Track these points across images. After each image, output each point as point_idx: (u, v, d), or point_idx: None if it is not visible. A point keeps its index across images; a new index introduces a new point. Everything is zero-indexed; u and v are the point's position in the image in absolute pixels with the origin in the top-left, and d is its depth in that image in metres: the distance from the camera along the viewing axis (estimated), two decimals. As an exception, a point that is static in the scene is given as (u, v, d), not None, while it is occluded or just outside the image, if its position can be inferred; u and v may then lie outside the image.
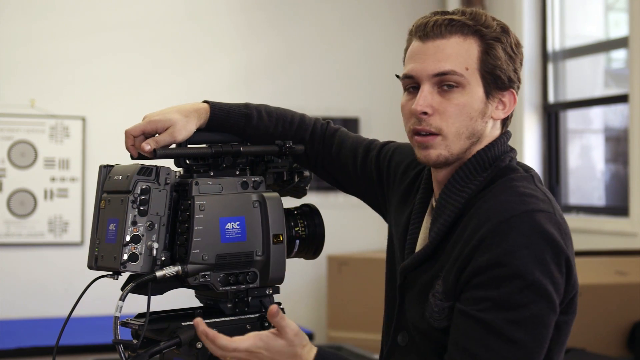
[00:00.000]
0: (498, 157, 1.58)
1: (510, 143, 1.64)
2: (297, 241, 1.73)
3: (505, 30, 1.56)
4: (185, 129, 1.67)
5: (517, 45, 1.58)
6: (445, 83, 1.53)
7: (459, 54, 1.53)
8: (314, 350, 1.49)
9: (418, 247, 1.62)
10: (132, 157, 1.68)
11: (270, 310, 1.46)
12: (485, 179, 1.55)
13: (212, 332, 1.46)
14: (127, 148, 1.67)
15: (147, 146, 1.64)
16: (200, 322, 1.46)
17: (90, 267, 1.62)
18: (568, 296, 1.48)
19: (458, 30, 1.54)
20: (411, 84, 1.58)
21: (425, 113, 1.54)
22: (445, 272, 1.51)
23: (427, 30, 1.55)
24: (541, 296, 1.42)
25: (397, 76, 1.61)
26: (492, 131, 1.59)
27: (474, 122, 1.54)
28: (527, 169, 1.60)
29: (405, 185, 1.73)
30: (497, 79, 1.55)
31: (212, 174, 1.67)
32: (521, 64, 1.59)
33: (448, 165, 1.58)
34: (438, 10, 1.61)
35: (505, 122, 1.62)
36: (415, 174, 1.73)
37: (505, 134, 1.61)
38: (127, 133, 1.66)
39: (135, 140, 1.66)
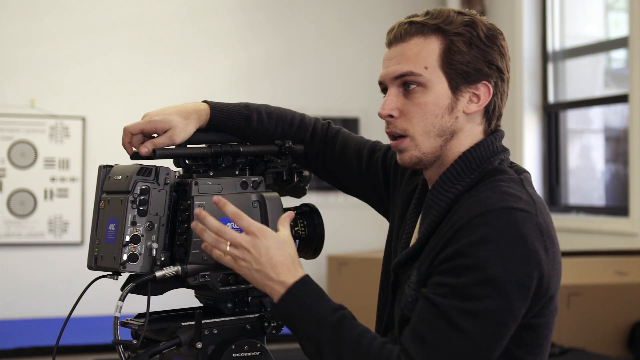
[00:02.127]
0: (487, 158, 1.57)
1: (511, 143, 1.64)
2: (297, 241, 1.73)
3: (470, 24, 1.56)
4: (185, 131, 1.67)
5: (489, 36, 1.56)
6: (407, 85, 1.56)
7: (418, 54, 1.55)
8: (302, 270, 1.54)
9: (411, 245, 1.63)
10: (129, 155, 1.67)
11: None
12: (472, 180, 1.55)
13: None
14: (124, 145, 1.66)
15: (145, 149, 1.64)
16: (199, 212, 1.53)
17: (90, 267, 1.62)
18: (541, 300, 1.48)
19: (418, 31, 1.57)
20: (383, 90, 1.62)
21: (391, 116, 1.57)
22: (420, 262, 1.53)
23: (391, 36, 1.60)
24: (499, 293, 1.41)
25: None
26: (469, 126, 1.58)
27: (440, 119, 1.55)
28: (520, 172, 1.59)
29: (411, 188, 1.73)
30: (464, 74, 1.55)
31: (211, 174, 1.67)
32: (502, 55, 1.58)
33: (427, 164, 1.59)
34: (410, 14, 1.63)
35: (488, 116, 1.60)
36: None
37: (495, 133, 1.61)
38: (125, 130, 1.66)
39: (132, 138, 1.66)
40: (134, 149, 1.66)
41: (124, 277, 1.61)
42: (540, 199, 1.54)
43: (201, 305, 1.74)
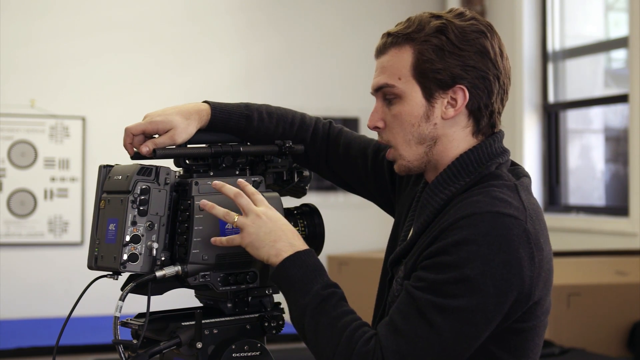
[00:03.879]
0: (484, 162, 1.57)
1: (511, 143, 1.63)
2: (297, 241, 1.72)
3: (441, 29, 1.55)
4: (186, 131, 1.68)
5: (463, 39, 1.55)
6: (387, 97, 1.60)
7: (393, 65, 1.58)
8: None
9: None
10: (130, 155, 1.68)
11: None
12: (467, 183, 1.56)
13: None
14: (125, 145, 1.67)
15: (145, 148, 1.64)
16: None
17: (90, 267, 1.62)
18: (523, 306, 1.48)
19: (394, 43, 1.59)
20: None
21: (377, 127, 1.62)
22: (408, 258, 1.56)
23: (376, 50, 1.64)
24: (474, 294, 1.43)
25: None
26: (453, 130, 1.58)
27: (417, 127, 1.58)
28: (519, 176, 1.59)
29: (419, 187, 1.73)
30: (436, 81, 1.56)
31: (211, 173, 1.67)
32: (482, 52, 1.55)
33: (418, 171, 1.62)
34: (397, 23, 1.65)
35: (475, 117, 1.59)
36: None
37: (494, 135, 1.60)
38: (127, 130, 1.66)
39: (134, 138, 1.66)
40: (135, 150, 1.67)
41: (124, 277, 1.61)
42: (534, 205, 1.53)
43: (201, 305, 1.74)
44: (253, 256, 1.58)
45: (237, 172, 1.70)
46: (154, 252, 1.57)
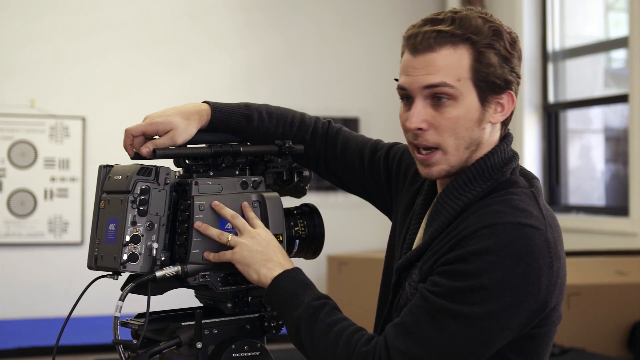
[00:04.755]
0: (499, 167, 1.56)
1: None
2: (297, 241, 1.73)
3: (497, 32, 1.53)
4: (186, 132, 1.67)
5: (512, 44, 1.54)
6: (437, 96, 1.52)
7: (450, 65, 1.51)
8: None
9: (415, 247, 1.63)
10: (130, 157, 1.68)
11: None
12: (484, 190, 1.55)
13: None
14: (125, 147, 1.67)
15: (146, 149, 1.64)
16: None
17: (90, 267, 1.62)
18: (539, 314, 1.48)
19: (447, 41, 1.51)
20: (405, 95, 1.57)
21: (420, 129, 1.54)
22: (422, 262, 1.54)
23: (417, 43, 1.53)
24: (490, 302, 1.43)
25: (396, 80, 1.61)
26: (491, 134, 1.57)
27: (470, 132, 1.54)
28: (531, 180, 1.58)
29: (415, 187, 1.73)
30: (493, 85, 1.53)
31: (211, 174, 1.67)
32: (520, 59, 1.56)
33: (452, 175, 1.58)
34: (429, 16, 1.57)
35: (505, 122, 1.60)
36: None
37: (506, 139, 1.60)
38: (127, 132, 1.66)
39: (134, 140, 1.66)
40: (135, 151, 1.66)
41: (124, 277, 1.61)
42: (550, 211, 1.54)
43: (201, 305, 1.74)
44: (243, 274, 1.59)
45: (237, 172, 1.70)
46: (154, 252, 1.57)
